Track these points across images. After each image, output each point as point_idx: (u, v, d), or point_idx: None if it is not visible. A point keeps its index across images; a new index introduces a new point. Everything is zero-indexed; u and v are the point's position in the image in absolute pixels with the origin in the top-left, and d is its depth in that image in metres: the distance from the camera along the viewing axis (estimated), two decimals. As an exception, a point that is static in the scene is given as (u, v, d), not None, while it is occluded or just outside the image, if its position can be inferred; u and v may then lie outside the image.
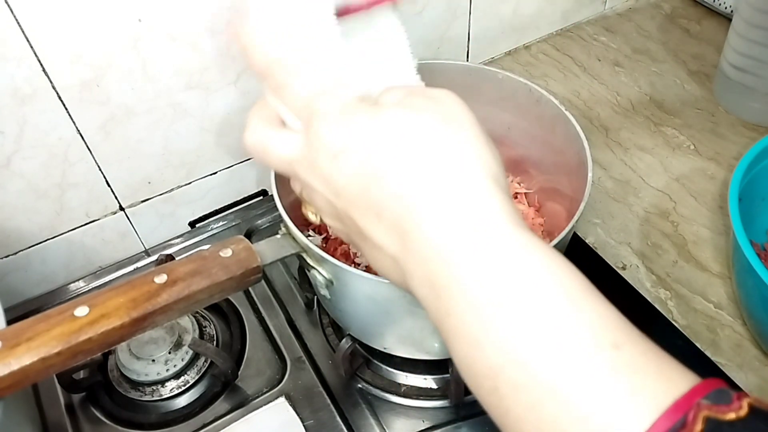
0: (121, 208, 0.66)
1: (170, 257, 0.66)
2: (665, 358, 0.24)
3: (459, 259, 0.27)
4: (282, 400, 0.57)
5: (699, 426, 0.21)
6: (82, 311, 0.37)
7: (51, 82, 0.54)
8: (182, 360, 0.59)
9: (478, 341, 0.26)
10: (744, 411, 0.22)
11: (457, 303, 0.27)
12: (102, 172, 0.62)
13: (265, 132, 0.35)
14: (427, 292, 0.28)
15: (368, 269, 0.54)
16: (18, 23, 0.50)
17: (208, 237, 0.72)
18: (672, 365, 0.24)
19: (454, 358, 0.28)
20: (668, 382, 0.23)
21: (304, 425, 0.55)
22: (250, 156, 0.37)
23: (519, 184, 0.66)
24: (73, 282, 0.68)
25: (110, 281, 0.69)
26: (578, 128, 0.53)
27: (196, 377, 0.60)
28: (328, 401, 0.57)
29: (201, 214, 0.72)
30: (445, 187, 0.28)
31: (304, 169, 0.33)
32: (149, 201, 0.68)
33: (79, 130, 0.58)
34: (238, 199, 0.74)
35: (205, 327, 0.63)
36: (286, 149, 0.34)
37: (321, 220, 0.37)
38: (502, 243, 0.27)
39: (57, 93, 0.55)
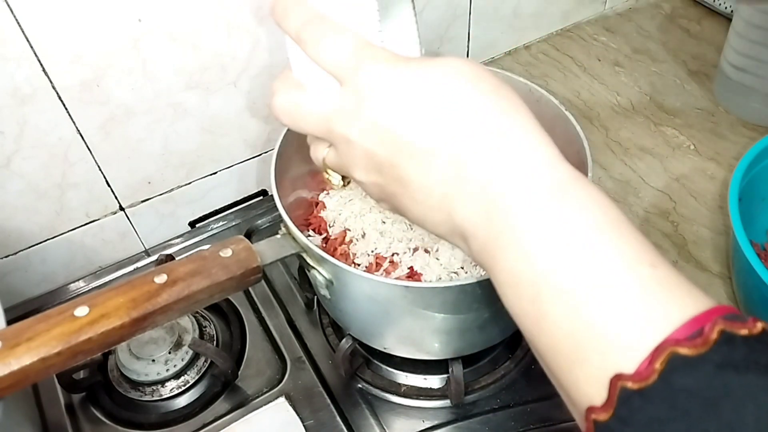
0: (121, 208, 0.67)
1: (170, 257, 0.66)
2: (690, 283, 0.27)
3: (518, 186, 0.29)
4: (282, 400, 0.57)
5: (714, 335, 0.24)
6: (82, 311, 0.37)
7: (51, 82, 0.54)
8: (182, 360, 0.59)
9: (527, 253, 0.28)
10: (757, 330, 0.24)
11: (511, 222, 0.29)
12: (102, 172, 0.62)
13: (296, 93, 0.36)
14: (480, 218, 0.30)
15: (368, 269, 0.54)
16: (18, 23, 0.50)
17: (208, 237, 0.72)
18: (697, 288, 0.27)
19: (499, 274, 0.30)
20: (695, 300, 0.26)
21: (304, 425, 0.55)
22: (280, 120, 0.38)
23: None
24: (73, 282, 0.68)
25: (110, 281, 0.69)
26: (578, 128, 0.53)
27: (196, 377, 0.60)
28: (328, 401, 0.57)
29: (201, 214, 0.72)
30: (502, 126, 0.31)
31: (343, 121, 0.34)
32: (149, 201, 0.68)
33: (79, 130, 0.58)
34: (238, 199, 0.74)
35: (205, 327, 0.63)
36: (322, 105, 0.35)
37: (344, 181, 0.39)
38: (554, 173, 0.30)
39: (57, 93, 0.55)
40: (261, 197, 0.75)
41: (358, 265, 0.55)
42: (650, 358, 0.24)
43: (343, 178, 0.39)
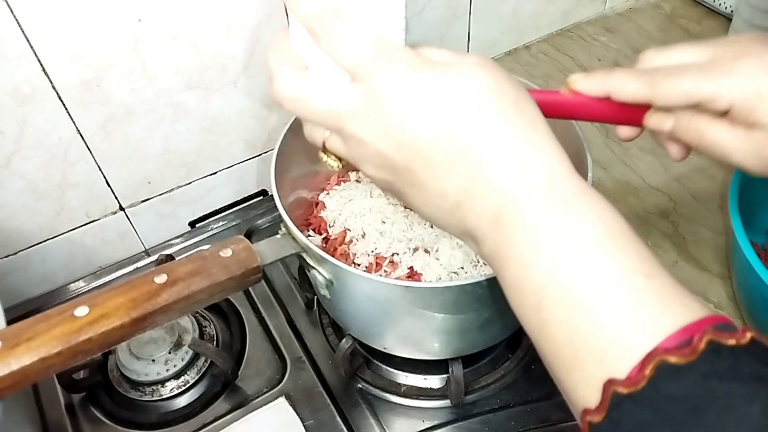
0: (121, 208, 0.67)
1: (170, 257, 0.66)
2: (687, 292, 0.28)
3: (526, 198, 0.30)
4: (282, 400, 0.57)
5: (702, 345, 0.24)
6: (82, 311, 0.37)
7: (51, 82, 0.54)
8: (182, 360, 0.59)
9: (530, 263, 0.30)
10: (746, 340, 0.25)
11: (517, 233, 0.30)
12: (102, 172, 0.62)
13: (305, 82, 0.35)
14: (489, 227, 0.31)
15: (368, 269, 0.54)
16: (18, 23, 0.50)
17: (208, 237, 0.72)
18: (693, 298, 0.28)
19: (505, 279, 0.31)
20: (688, 310, 0.27)
21: (304, 425, 0.55)
22: (282, 106, 0.36)
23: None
24: (73, 282, 0.68)
25: (110, 281, 0.69)
26: (578, 128, 0.53)
27: (196, 377, 0.60)
28: (328, 401, 0.57)
29: (201, 214, 0.72)
30: (516, 137, 0.31)
31: (357, 121, 0.33)
32: (149, 201, 0.68)
33: (79, 130, 0.58)
34: (238, 199, 0.74)
35: (205, 327, 0.63)
36: (334, 101, 0.34)
37: (342, 162, 0.38)
38: (562, 186, 0.31)
39: (57, 93, 0.55)
40: (261, 197, 0.75)
41: (358, 265, 0.55)
42: (641, 364, 0.25)
43: (340, 159, 0.38)
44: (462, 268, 0.53)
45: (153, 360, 0.59)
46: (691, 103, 0.37)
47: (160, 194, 0.68)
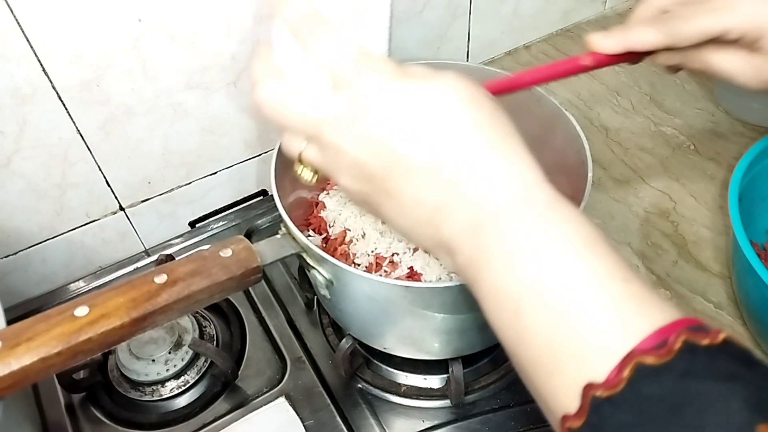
0: (121, 208, 0.67)
1: (170, 257, 0.66)
2: (662, 297, 0.29)
3: (503, 206, 0.31)
4: (282, 400, 0.57)
5: (677, 345, 0.25)
6: (82, 311, 0.37)
7: (51, 82, 0.54)
8: (182, 360, 0.59)
9: (508, 269, 0.30)
10: (719, 340, 0.25)
11: (495, 240, 0.31)
12: (102, 172, 0.62)
13: (286, 89, 0.35)
14: (466, 236, 0.32)
15: (368, 269, 0.54)
16: (18, 23, 0.50)
17: (208, 237, 0.72)
18: (667, 302, 0.28)
19: (482, 288, 0.31)
20: (663, 312, 0.27)
21: (304, 425, 0.55)
22: (262, 112, 0.36)
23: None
24: (73, 282, 0.68)
25: (110, 281, 0.69)
26: (578, 128, 0.53)
27: (196, 377, 0.60)
28: (328, 401, 0.57)
29: (201, 214, 0.72)
30: (492, 149, 0.32)
31: (336, 128, 0.34)
32: (149, 201, 0.68)
33: (79, 130, 0.58)
34: (238, 199, 0.74)
35: (205, 327, 0.63)
36: (314, 107, 0.34)
37: (316, 176, 0.38)
38: (537, 195, 0.31)
39: (57, 93, 0.55)
40: (261, 197, 0.75)
41: (358, 265, 0.55)
42: (619, 367, 0.25)
43: (316, 172, 0.38)
44: (462, 268, 0.53)
45: (153, 360, 0.59)
46: (706, 40, 0.42)
47: (160, 194, 0.68)
